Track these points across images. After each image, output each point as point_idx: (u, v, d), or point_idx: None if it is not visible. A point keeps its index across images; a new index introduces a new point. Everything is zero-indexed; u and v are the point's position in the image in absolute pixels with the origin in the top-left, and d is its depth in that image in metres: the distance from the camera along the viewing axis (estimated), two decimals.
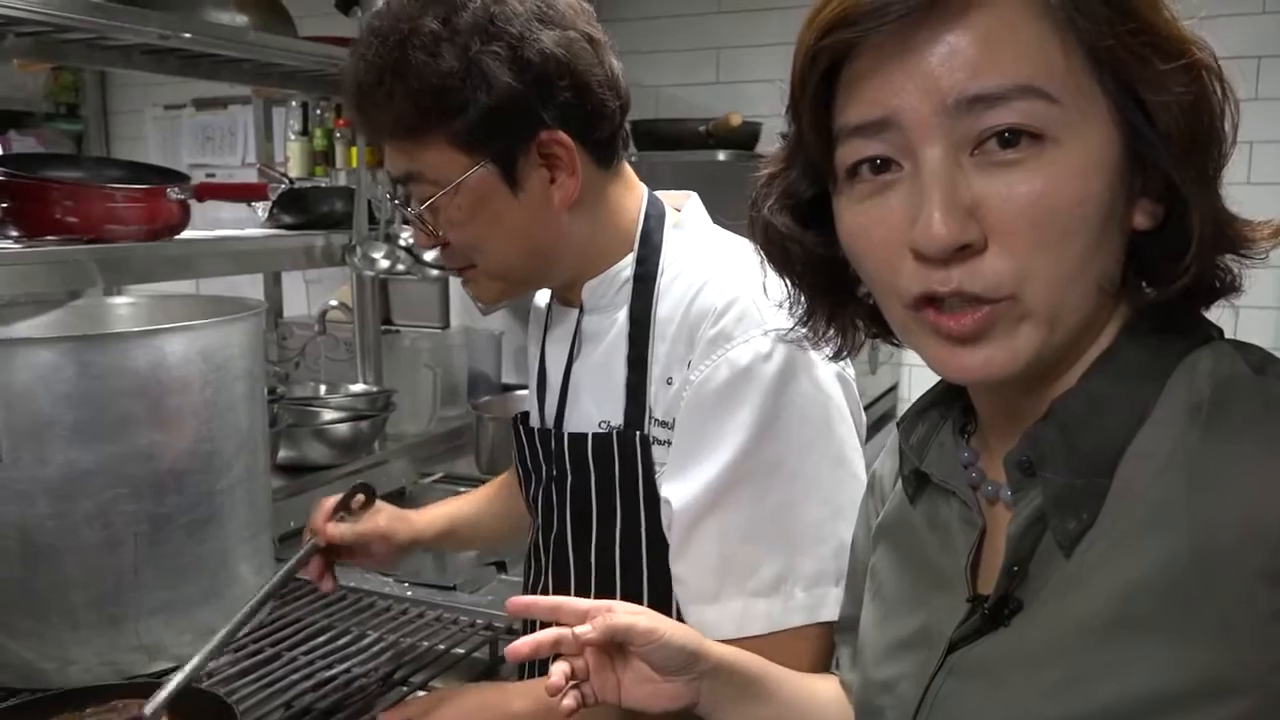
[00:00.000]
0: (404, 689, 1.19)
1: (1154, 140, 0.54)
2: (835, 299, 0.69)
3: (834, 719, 0.83)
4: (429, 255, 1.84)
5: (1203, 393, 0.55)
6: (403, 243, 1.89)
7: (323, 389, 2.18)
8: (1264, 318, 2.51)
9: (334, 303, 2.51)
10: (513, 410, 1.89)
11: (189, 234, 1.57)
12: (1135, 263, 0.59)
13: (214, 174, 3.72)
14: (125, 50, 1.49)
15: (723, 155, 2.42)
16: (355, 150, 2.30)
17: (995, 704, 0.59)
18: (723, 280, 0.96)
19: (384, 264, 1.89)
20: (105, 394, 1.11)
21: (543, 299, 1.17)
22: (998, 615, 0.60)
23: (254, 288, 2.95)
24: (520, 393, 2.33)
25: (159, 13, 1.42)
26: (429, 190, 0.97)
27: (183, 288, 2.13)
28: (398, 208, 1.77)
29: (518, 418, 1.15)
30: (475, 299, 1.09)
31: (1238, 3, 2.47)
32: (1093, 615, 0.55)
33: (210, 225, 2.02)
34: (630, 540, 1.01)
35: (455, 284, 2.72)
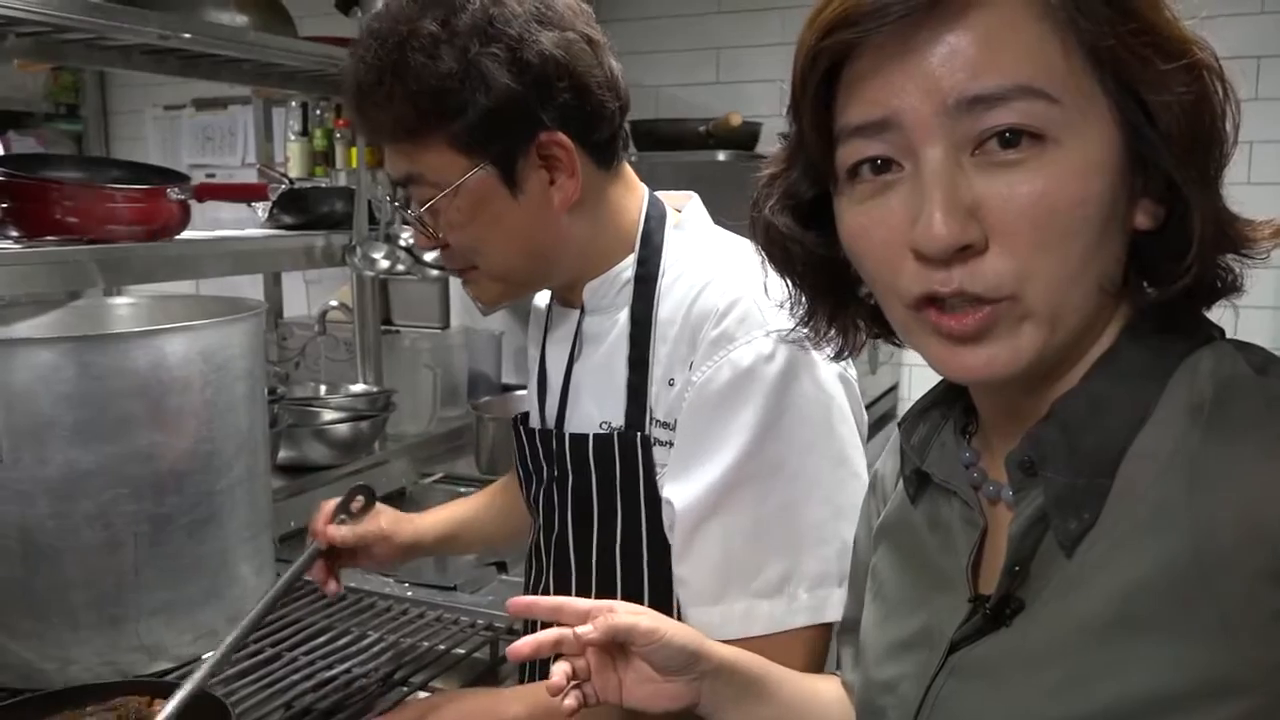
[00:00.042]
0: (404, 689, 1.19)
1: (1155, 140, 0.54)
2: (836, 299, 0.69)
3: (835, 719, 0.83)
4: (429, 255, 1.84)
5: (1204, 393, 0.55)
6: (403, 243, 1.89)
7: (323, 389, 2.18)
8: (1264, 317, 2.51)
9: (334, 303, 2.51)
10: (513, 410, 1.90)
11: (189, 234, 1.57)
12: (1136, 263, 0.59)
13: (214, 174, 3.72)
14: (125, 50, 1.49)
15: (723, 155, 2.42)
16: (355, 150, 2.30)
17: (996, 704, 0.59)
18: (724, 281, 0.96)
19: (384, 264, 1.89)
20: (105, 394, 1.11)
21: (543, 300, 1.17)
22: (999, 615, 0.60)
23: (254, 288, 2.95)
24: (520, 393, 2.33)
25: (159, 13, 1.42)
26: (429, 192, 0.97)
27: (183, 288, 2.13)
28: (398, 210, 1.77)
29: (518, 418, 1.15)
30: (476, 300, 1.09)
31: (1237, 3, 2.47)
32: (1094, 615, 0.55)
33: (210, 225, 2.02)
34: (631, 541, 1.01)
35: (455, 284, 2.72)
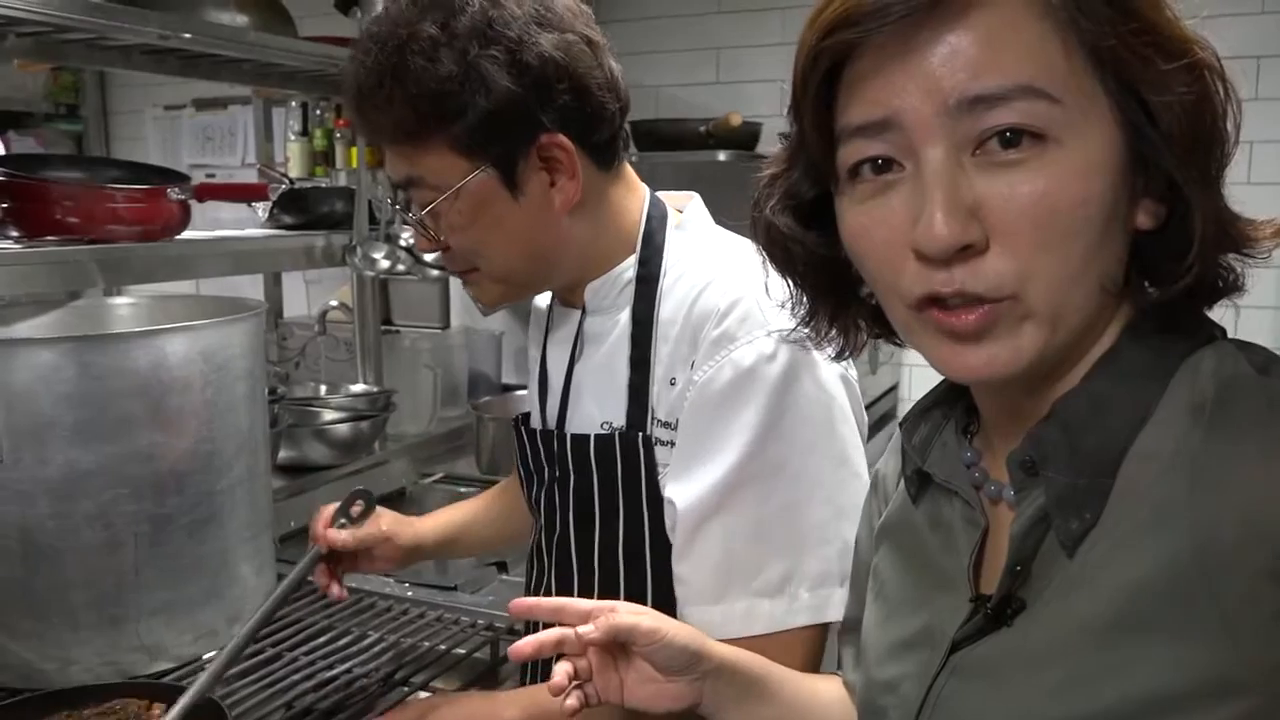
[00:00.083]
0: (405, 689, 1.19)
1: (1156, 140, 0.54)
2: (837, 299, 0.69)
3: (837, 719, 0.83)
4: (429, 256, 1.84)
5: (1206, 393, 0.55)
6: (403, 243, 1.89)
7: (323, 389, 2.18)
8: (1264, 317, 2.51)
9: (334, 303, 2.51)
10: (513, 411, 1.90)
11: (189, 234, 1.57)
12: (1138, 262, 0.58)
13: (214, 174, 3.72)
14: (125, 50, 1.49)
15: (723, 155, 2.42)
16: (355, 150, 2.30)
17: (998, 704, 0.59)
18: (726, 281, 0.95)
19: (384, 264, 1.89)
20: (106, 394, 1.11)
21: (544, 300, 1.17)
22: (1000, 615, 0.60)
23: (254, 288, 2.95)
24: (520, 393, 2.33)
25: (159, 13, 1.42)
26: (429, 195, 0.97)
27: (183, 288, 2.13)
28: (398, 212, 1.77)
29: (519, 419, 1.15)
30: (476, 301, 1.09)
31: (1238, 3, 2.47)
32: (1095, 615, 0.55)
33: (210, 225, 2.02)
34: (633, 541, 1.01)
35: (455, 284, 2.72)
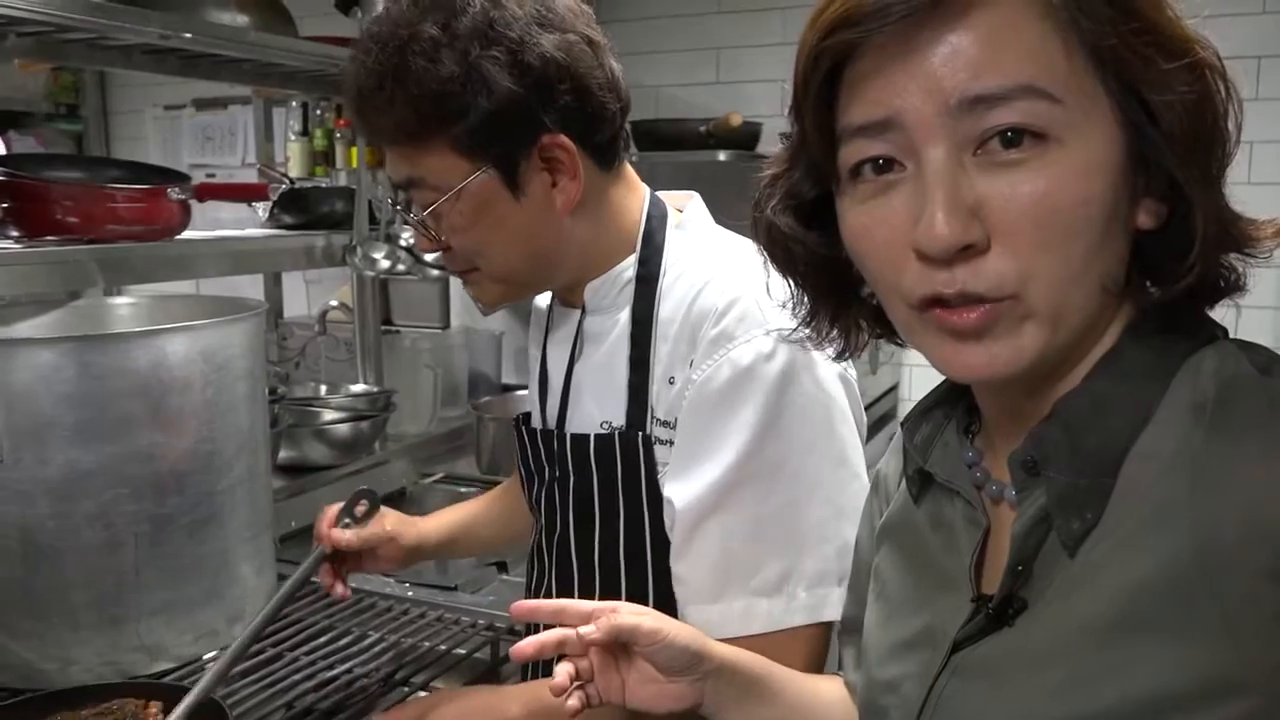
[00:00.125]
0: (405, 689, 1.19)
1: (1157, 140, 0.54)
2: (838, 299, 0.69)
3: (838, 719, 0.83)
4: (430, 256, 1.84)
5: (1207, 392, 0.55)
6: (403, 242, 1.89)
7: (323, 389, 2.18)
8: (1265, 317, 2.51)
9: (334, 303, 2.51)
10: (513, 411, 1.90)
11: (189, 234, 1.57)
12: (1139, 262, 0.58)
13: (214, 174, 3.72)
14: (126, 50, 1.49)
15: (723, 155, 2.42)
16: (355, 150, 2.30)
17: (999, 704, 0.59)
18: (724, 280, 0.95)
19: (384, 264, 1.89)
20: (106, 394, 1.11)
21: (544, 300, 1.17)
22: (1002, 615, 0.60)
23: (254, 288, 2.95)
24: (521, 393, 2.33)
25: (160, 13, 1.42)
26: (430, 196, 0.96)
27: (183, 288, 2.13)
28: (399, 213, 1.77)
29: (519, 419, 1.15)
30: (477, 300, 1.09)
31: (1238, 2, 2.47)
32: (1097, 615, 0.55)
33: (210, 225, 2.02)
34: (634, 541, 1.01)
35: (456, 284, 2.72)
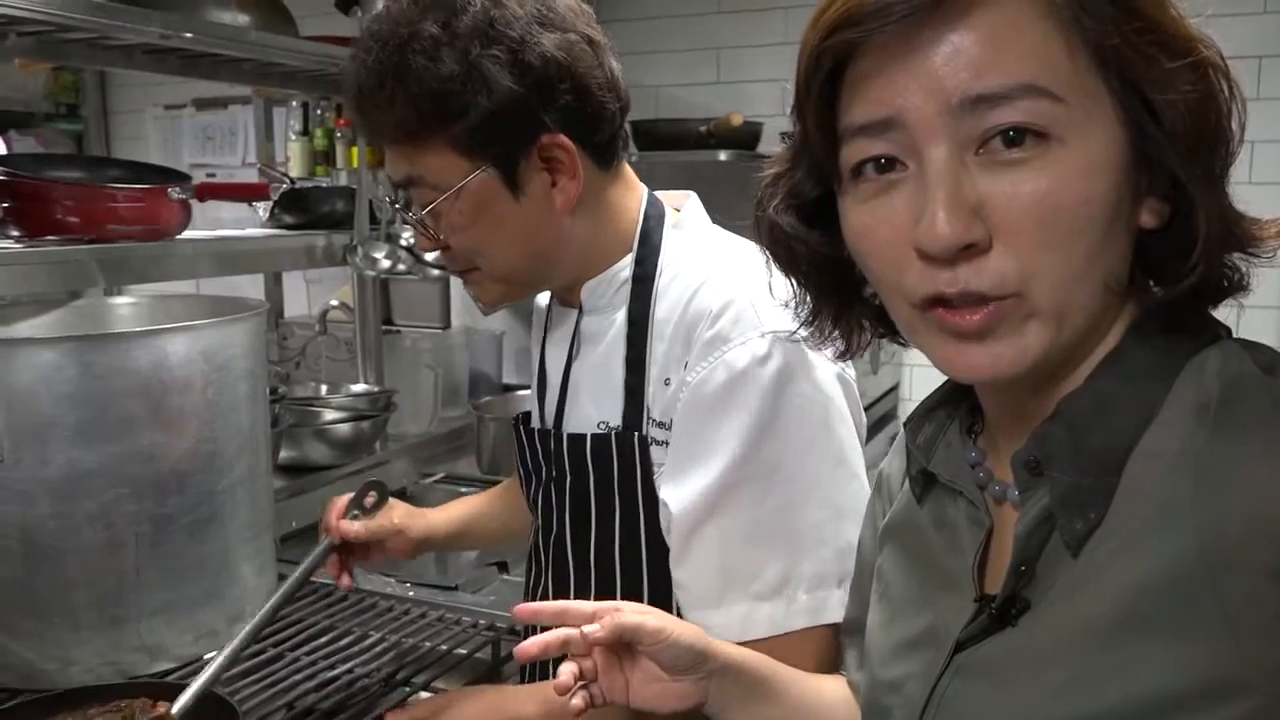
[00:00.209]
0: (406, 690, 1.19)
1: (1160, 139, 0.54)
2: (841, 299, 0.69)
3: (841, 719, 0.83)
4: (430, 255, 1.84)
5: (1211, 392, 0.55)
6: (404, 242, 1.89)
7: (324, 389, 2.18)
8: (1268, 317, 2.51)
9: (335, 303, 2.51)
10: (514, 411, 1.89)
11: (190, 234, 1.57)
12: (1142, 262, 0.58)
13: (214, 174, 3.72)
14: (126, 50, 1.49)
15: (724, 155, 2.42)
16: (356, 150, 2.29)
17: (1002, 704, 0.59)
18: (720, 281, 0.95)
19: (385, 264, 1.89)
20: (107, 394, 1.11)
21: (544, 299, 1.17)
22: (1005, 615, 0.60)
23: (254, 288, 2.95)
24: (521, 393, 2.33)
25: (160, 12, 1.41)
26: (430, 195, 0.96)
27: (183, 288, 2.12)
28: (399, 212, 1.77)
29: (519, 418, 1.15)
30: (477, 300, 1.09)
31: (1239, 2, 2.47)
32: (1100, 615, 0.55)
33: (211, 225, 2.02)
34: (629, 541, 1.00)
35: (456, 284, 2.72)
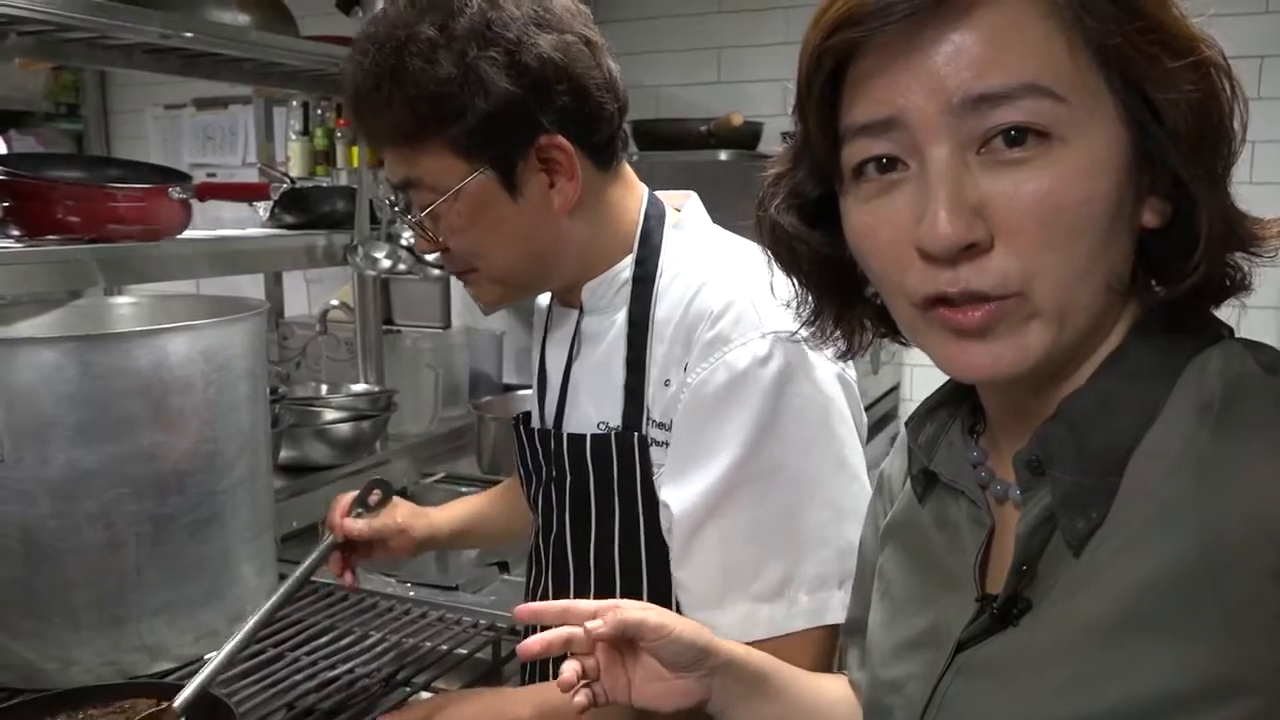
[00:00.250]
0: (407, 690, 1.18)
1: (1162, 138, 0.54)
2: (843, 299, 0.69)
3: (842, 718, 0.83)
4: (430, 255, 1.84)
5: (1213, 392, 0.55)
6: (404, 242, 1.89)
7: (324, 389, 2.18)
8: (1269, 317, 2.51)
9: (335, 302, 2.51)
10: (514, 410, 1.89)
11: (190, 234, 1.57)
12: (1144, 261, 0.58)
13: (215, 174, 3.72)
14: (127, 49, 1.48)
15: (724, 155, 2.42)
16: (356, 150, 2.30)
17: (1004, 704, 0.59)
18: (720, 282, 0.95)
19: (386, 263, 1.89)
20: (107, 394, 1.11)
21: (545, 299, 1.17)
22: (1006, 615, 0.60)
23: (255, 287, 2.95)
24: (522, 393, 2.33)
25: (161, 12, 1.41)
26: (429, 197, 0.96)
27: (183, 288, 2.12)
28: (398, 214, 1.77)
29: (519, 418, 1.15)
30: (476, 300, 1.09)
31: (1240, 2, 2.47)
32: (1101, 615, 0.55)
33: (211, 225, 2.02)
34: (629, 542, 1.00)
35: (456, 284, 2.71)
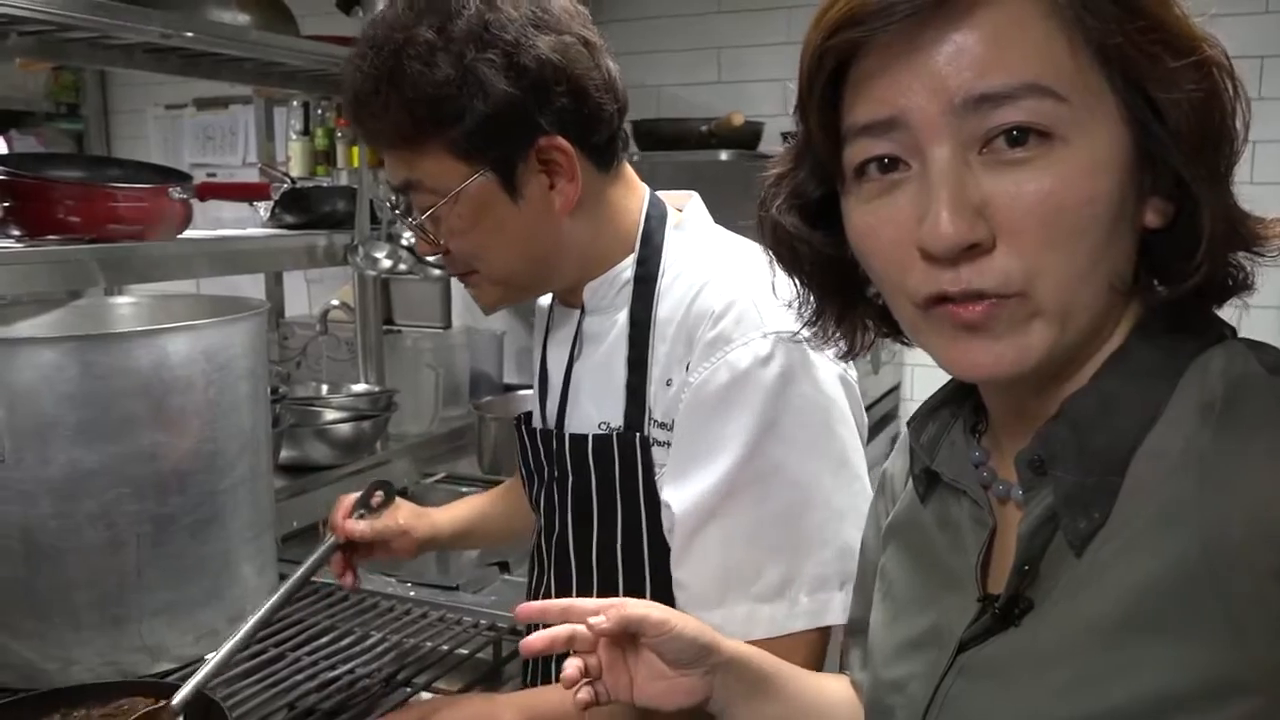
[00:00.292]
0: (407, 690, 1.18)
1: (1164, 138, 0.54)
2: (844, 299, 0.69)
3: (844, 718, 0.82)
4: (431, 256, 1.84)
5: (1215, 392, 0.55)
6: (404, 242, 1.89)
7: (324, 389, 2.18)
8: (1272, 317, 2.50)
9: (335, 302, 2.51)
10: (514, 410, 1.90)
11: (190, 234, 1.57)
12: (1147, 261, 0.58)
13: (215, 174, 3.72)
14: (127, 49, 1.48)
15: (725, 155, 2.42)
16: (356, 150, 2.29)
17: (1005, 704, 0.59)
18: (722, 282, 0.95)
19: (386, 263, 1.89)
20: (108, 394, 1.11)
21: (547, 299, 1.17)
22: (1008, 615, 0.60)
23: (255, 287, 2.95)
24: (522, 393, 2.33)
25: (161, 11, 1.41)
26: (429, 199, 0.96)
27: (184, 287, 2.12)
28: (398, 216, 1.77)
29: (521, 418, 1.15)
30: (477, 301, 1.09)
31: (1241, 2, 2.47)
32: (1103, 615, 0.55)
33: (212, 225, 2.02)
34: (631, 542, 1.00)
35: (457, 284, 2.70)
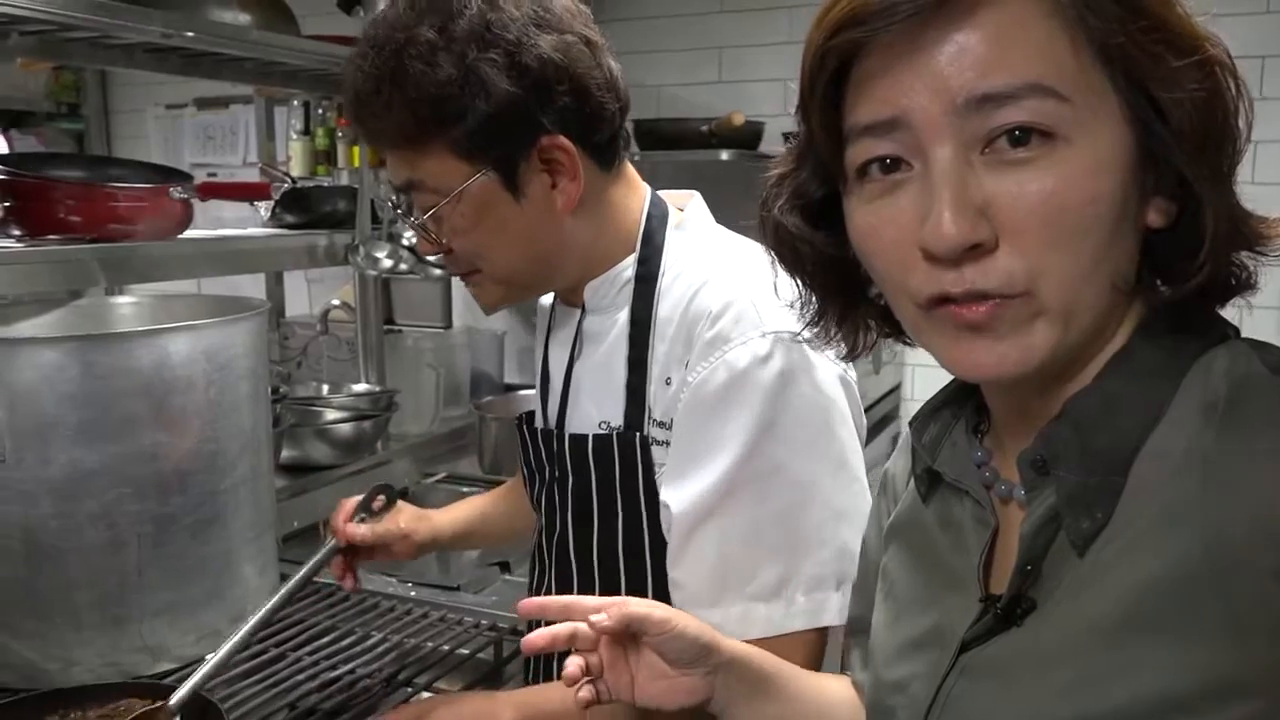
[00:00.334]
0: (408, 690, 1.18)
1: (1166, 137, 0.54)
2: (846, 299, 0.69)
3: (845, 718, 0.82)
4: (432, 256, 1.84)
5: (1218, 391, 0.55)
6: (405, 242, 1.89)
7: (325, 389, 2.18)
8: (1274, 317, 2.50)
9: (336, 302, 2.51)
10: (515, 410, 1.90)
11: (191, 233, 1.57)
12: (1150, 261, 0.58)
13: (216, 173, 3.72)
14: (128, 49, 1.48)
15: (726, 155, 2.42)
16: (357, 149, 2.30)
17: (1007, 704, 0.59)
18: (721, 281, 0.95)
19: (387, 263, 1.89)
20: (109, 394, 1.11)
21: (548, 299, 1.17)
22: (1010, 615, 0.60)
23: (255, 287, 2.95)
24: (523, 393, 2.33)
25: (162, 11, 1.41)
26: (431, 199, 0.96)
27: (184, 287, 2.12)
28: (400, 216, 1.77)
29: (522, 418, 1.15)
30: (478, 300, 1.09)
31: (1242, 2, 2.47)
32: (1105, 615, 0.55)
33: (212, 225, 2.02)
34: (632, 541, 1.00)
35: (458, 283, 2.70)
